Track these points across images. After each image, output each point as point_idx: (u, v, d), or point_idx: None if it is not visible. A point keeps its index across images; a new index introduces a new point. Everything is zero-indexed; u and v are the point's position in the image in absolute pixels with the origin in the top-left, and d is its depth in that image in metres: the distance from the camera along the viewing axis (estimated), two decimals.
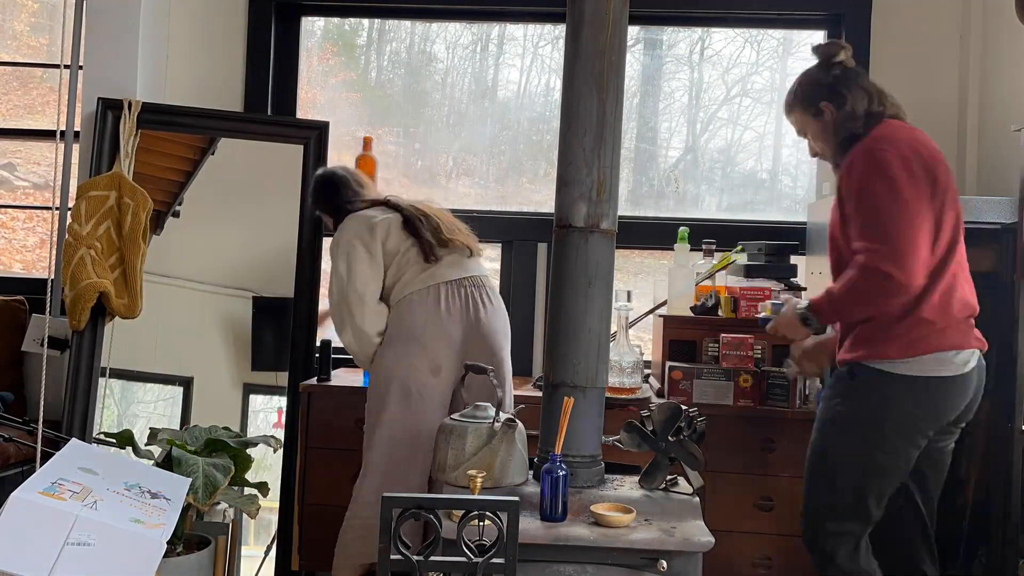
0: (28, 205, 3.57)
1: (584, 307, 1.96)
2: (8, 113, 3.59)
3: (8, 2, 3.65)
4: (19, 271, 3.51)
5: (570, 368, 1.96)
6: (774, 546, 2.63)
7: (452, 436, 1.93)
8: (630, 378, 2.61)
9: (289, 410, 2.90)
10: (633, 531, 1.76)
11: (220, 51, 3.33)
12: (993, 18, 3.04)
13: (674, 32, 3.53)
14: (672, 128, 3.58)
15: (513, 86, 3.57)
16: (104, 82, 2.96)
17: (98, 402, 2.82)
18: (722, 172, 3.51)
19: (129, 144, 2.87)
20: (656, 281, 3.11)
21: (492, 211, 3.38)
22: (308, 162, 3.01)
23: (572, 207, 1.97)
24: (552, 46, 3.53)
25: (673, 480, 1.98)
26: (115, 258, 2.76)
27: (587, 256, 1.96)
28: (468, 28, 3.57)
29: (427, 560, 1.50)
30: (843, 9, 3.24)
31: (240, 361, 2.97)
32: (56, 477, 1.52)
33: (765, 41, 3.48)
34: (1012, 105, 2.85)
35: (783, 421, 2.62)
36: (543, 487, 1.80)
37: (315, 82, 3.56)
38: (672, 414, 1.95)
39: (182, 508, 1.87)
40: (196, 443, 2.59)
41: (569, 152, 1.98)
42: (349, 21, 3.61)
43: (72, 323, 2.71)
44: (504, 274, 3.32)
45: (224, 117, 3.04)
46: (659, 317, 2.89)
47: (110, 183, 2.79)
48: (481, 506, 1.51)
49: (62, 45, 2.53)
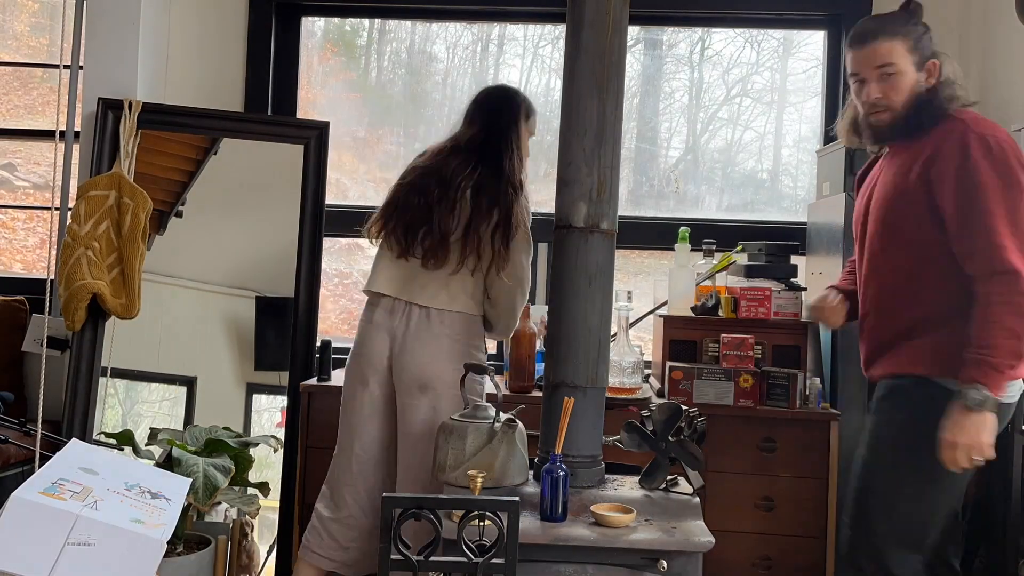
0: (28, 205, 3.57)
1: (584, 307, 1.96)
2: (8, 113, 3.60)
3: (8, 2, 3.65)
4: (19, 271, 3.51)
5: (570, 368, 1.96)
6: (774, 546, 2.63)
7: (452, 436, 1.93)
8: (630, 378, 2.61)
9: (290, 410, 2.90)
10: (633, 531, 1.76)
11: (220, 51, 3.34)
12: (993, 18, 3.04)
13: (674, 32, 3.53)
14: (672, 128, 3.58)
15: (513, 86, 3.57)
16: (104, 82, 2.97)
17: (102, 402, 2.83)
18: (722, 172, 3.51)
19: (129, 144, 2.87)
20: (656, 281, 3.12)
21: None
22: (308, 162, 3.01)
23: (572, 207, 1.97)
24: (552, 46, 3.53)
25: (673, 480, 1.98)
26: (113, 258, 2.77)
27: (587, 256, 1.96)
28: (468, 28, 3.57)
29: (427, 560, 1.50)
30: (843, 9, 3.24)
31: (243, 361, 2.97)
32: (56, 477, 1.52)
33: (765, 41, 3.48)
34: (1012, 105, 2.85)
35: (783, 421, 2.62)
36: (543, 487, 1.80)
37: (315, 82, 3.56)
38: (672, 414, 1.95)
39: (182, 508, 1.87)
40: (196, 443, 2.60)
41: (569, 152, 1.98)
42: (349, 21, 3.61)
43: (67, 323, 2.71)
44: None
45: (224, 117, 3.04)
46: (659, 317, 2.90)
47: (110, 183, 2.79)
48: (481, 506, 1.52)
49: (62, 45, 2.54)
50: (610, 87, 1.97)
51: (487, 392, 2.42)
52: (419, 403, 2.27)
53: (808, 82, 3.45)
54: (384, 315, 2.33)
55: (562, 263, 1.99)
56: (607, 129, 1.97)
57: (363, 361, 2.34)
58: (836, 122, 2.21)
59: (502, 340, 2.79)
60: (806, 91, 3.46)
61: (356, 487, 2.34)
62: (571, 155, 1.98)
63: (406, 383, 2.29)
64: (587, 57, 1.97)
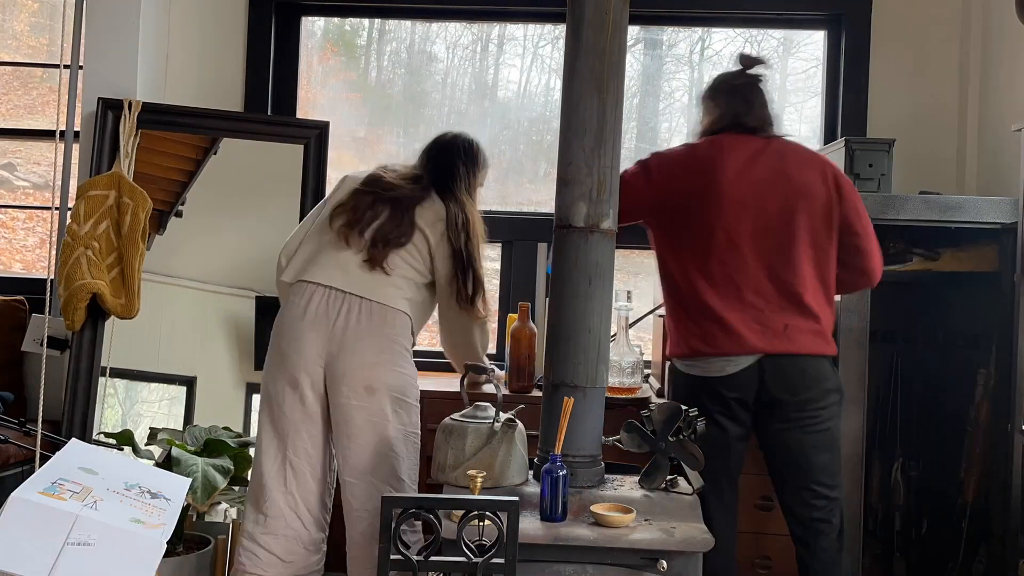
0: (28, 205, 3.57)
1: (584, 307, 1.96)
2: (8, 113, 3.59)
3: (8, 2, 3.65)
4: (19, 271, 3.51)
5: (570, 368, 1.96)
6: (774, 546, 2.63)
7: (452, 436, 1.93)
8: (630, 378, 2.61)
9: None
10: (633, 531, 1.76)
11: (220, 51, 3.33)
12: (993, 18, 3.04)
13: (674, 32, 3.53)
14: (672, 128, 3.58)
15: (513, 86, 3.57)
16: (104, 82, 2.97)
17: (101, 402, 2.83)
18: None
19: (129, 144, 2.87)
20: (656, 281, 3.11)
21: (492, 211, 3.38)
22: (308, 162, 3.01)
23: (572, 207, 1.97)
24: (552, 46, 3.53)
25: (673, 480, 1.98)
26: (113, 258, 2.76)
27: (587, 256, 1.96)
28: (468, 28, 3.57)
29: (427, 560, 1.50)
30: (843, 9, 3.23)
31: (243, 361, 2.97)
32: (56, 477, 1.52)
33: (765, 41, 3.48)
34: (1012, 105, 2.85)
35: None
36: (543, 487, 1.80)
37: (315, 82, 3.56)
38: (672, 414, 1.95)
39: (182, 508, 1.87)
40: (196, 443, 2.60)
41: (569, 152, 1.98)
42: (349, 21, 3.61)
43: (67, 323, 2.71)
44: (504, 274, 3.32)
45: (224, 117, 3.04)
46: (659, 317, 2.89)
47: (109, 183, 2.79)
48: (481, 506, 1.52)
49: (62, 45, 2.53)
50: (610, 87, 1.97)
51: (487, 392, 2.42)
52: (366, 404, 2.17)
53: (808, 82, 3.45)
54: (320, 307, 2.21)
55: (562, 263, 1.99)
56: (607, 129, 1.97)
57: (292, 360, 2.20)
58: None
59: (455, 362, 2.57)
60: (806, 91, 3.46)
61: (292, 495, 2.21)
62: (571, 155, 1.98)
63: (351, 384, 2.17)
64: (587, 57, 1.97)
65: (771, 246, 2.14)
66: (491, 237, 3.18)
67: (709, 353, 2.14)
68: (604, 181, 1.97)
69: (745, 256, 2.13)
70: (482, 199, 2.51)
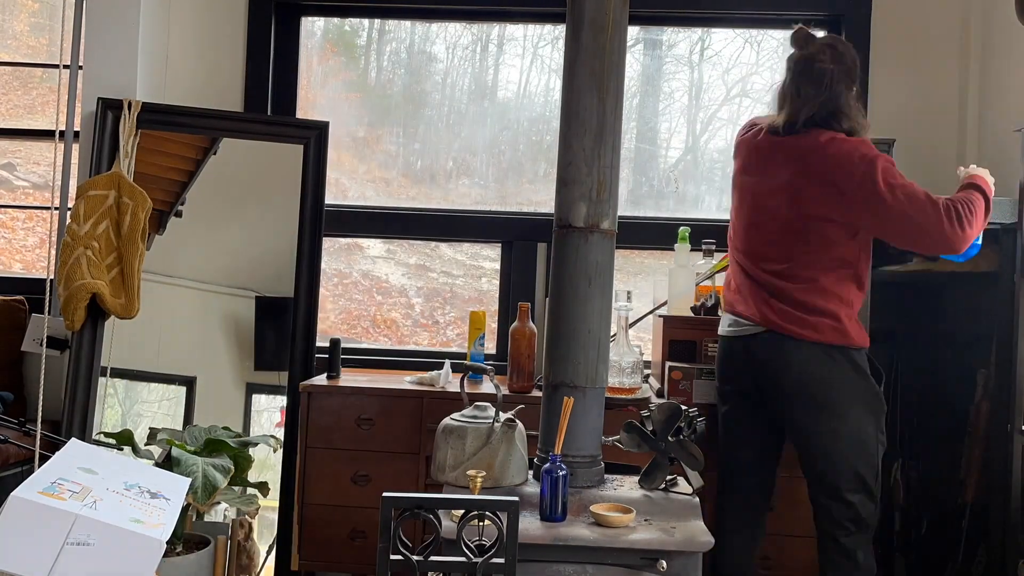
0: (28, 205, 3.57)
1: (584, 307, 1.96)
2: (8, 113, 3.59)
3: (8, 2, 3.65)
4: (19, 271, 3.51)
5: (570, 368, 1.96)
6: (774, 546, 2.63)
7: (452, 436, 1.93)
8: (630, 378, 2.61)
9: (289, 410, 2.89)
10: (633, 531, 1.76)
11: (220, 51, 3.33)
12: (993, 18, 3.04)
13: (674, 32, 3.53)
14: (672, 128, 3.58)
15: (513, 86, 3.57)
16: (104, 82, 2.96)
17: (101, 402, 2.82)
18: (722, 172, 3.50)
19: (129, 144, 2.87)
20: (656, 281, 3.11)
21: (492, 211, 3.38)
22: (308, 162, 3.01)
23: (572, 207, 1.97)
24: (552, 46, 3.53)
25: (673, 480, 1.98)
26: (113, 257, 2.77)
27: (587, 256, 1.96)
28: (468, 28, 3.57)
29: (427, 560, 1.50)
30: (843, 9, 3.23)
31: (243, 361, 2.97)
32: (56, 477, 1.52)
33: (765, 41, 3.48)
34: (1012, 105, 2.85)
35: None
36: (543, 487, 1.80)
37: (315, 82, 3.56)
38: (672, 414, 1.96)
39: (182, 508, 1.87)
40: (196, 443, 2.60)
41: (569, 152, 1.98)
42: (349, 21, 3.61)
43: (67, 323, 2.71)
44: (504, 274, 3.32)
45: (224, 117, 3.04)
46: (659, 317, 2.89)
47: (109, 183, 2.79)
48: (481, 506, 1.52)
49: (62, 45, 2.54)
50: (610, 87, 1.97)
51: (486, 392, 2.42)
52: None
53: None
54: None
55: (562, 263, 1.99)
56: (607, 129, 1.97)
57: None
58: None
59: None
60: None
61: None
62: (571, 155, 1.98)
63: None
64: (587, 57, 1.97)
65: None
66: (491, 237, 3.20)
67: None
68: (604, 181, 1.97)
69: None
70: (482, 199, 2.51)
